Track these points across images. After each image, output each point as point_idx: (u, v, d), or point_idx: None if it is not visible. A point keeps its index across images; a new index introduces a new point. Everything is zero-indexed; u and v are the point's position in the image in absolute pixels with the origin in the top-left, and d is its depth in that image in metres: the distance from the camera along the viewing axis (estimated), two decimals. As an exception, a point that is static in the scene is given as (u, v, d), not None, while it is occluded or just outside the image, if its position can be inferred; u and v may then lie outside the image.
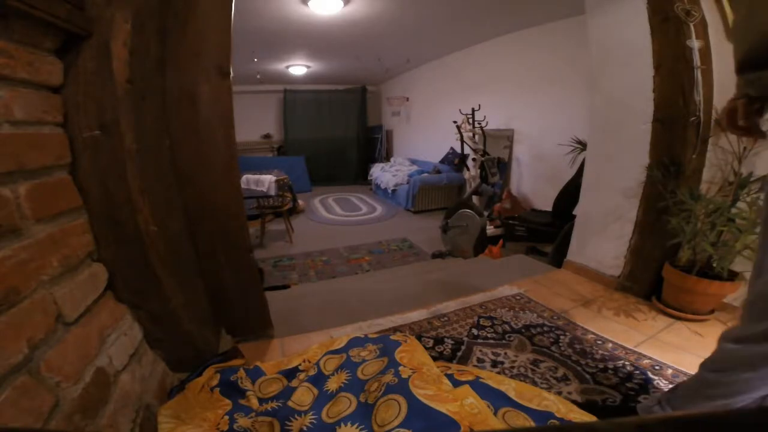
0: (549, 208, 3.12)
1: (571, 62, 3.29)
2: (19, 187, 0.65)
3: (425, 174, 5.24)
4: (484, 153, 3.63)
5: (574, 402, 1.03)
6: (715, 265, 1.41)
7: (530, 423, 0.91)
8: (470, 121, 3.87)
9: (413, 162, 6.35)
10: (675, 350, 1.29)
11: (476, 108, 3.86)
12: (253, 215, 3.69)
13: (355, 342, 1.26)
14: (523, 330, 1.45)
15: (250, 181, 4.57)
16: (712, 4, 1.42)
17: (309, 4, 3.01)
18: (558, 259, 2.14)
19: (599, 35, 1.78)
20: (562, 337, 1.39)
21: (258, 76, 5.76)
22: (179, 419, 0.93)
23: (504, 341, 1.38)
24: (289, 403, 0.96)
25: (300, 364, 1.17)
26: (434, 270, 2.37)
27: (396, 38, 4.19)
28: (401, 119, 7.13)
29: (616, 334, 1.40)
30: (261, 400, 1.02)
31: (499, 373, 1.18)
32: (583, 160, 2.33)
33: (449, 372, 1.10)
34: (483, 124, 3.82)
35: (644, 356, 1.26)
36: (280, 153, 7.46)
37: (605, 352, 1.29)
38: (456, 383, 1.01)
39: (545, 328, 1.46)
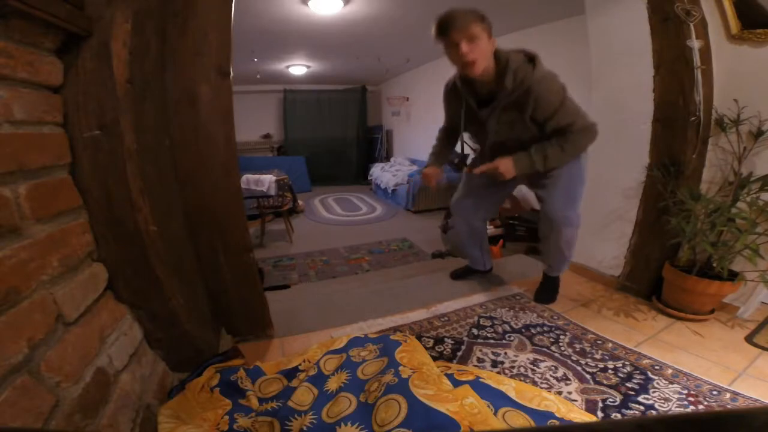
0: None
1: (571, 62, 3.28)
2: (19, 187, 0.65)
3: (425, 174, 5.23)
4: (484, 153, 3.62)
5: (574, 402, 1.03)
6: (715, 265, 1.41)
7: (530, 423, 0.90)
8: (470, 121, 3.85)
9: (413, 162, 6.34)
10: (675, 350, 1.29)
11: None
12: (253, 215, 3.69)
13: (355, 342, 1.26)
14: (523, 330, 1.45)
15: (250, 181, 4.57)
16: (712, 4, 1.42)
17: (309, 4, 3.00)
18: (558, 259, 2.14)
19: (599, 35, 1.78)
20: (562, 337, 1.39)
21: (258, 76, 5.76)
22: (179, 419, 0.92)
23: (504, 341, 1.38)
24: (289, 403, 0.96)
25: (300, 364, 1.17)
26: (434, 269, 2.37)
27: (396, 38, 4.19)
28: (401, 119, 7.12)
29: (616, 334, 1.40)
30: (261, 400, 1.02)
31: (499, 373, 1.18)
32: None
33: (449, 372, 1.10)
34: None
35: (644, 356, 1.26)
36: (280, 153, 7.46)
37: (605, 352, 1.29)
38: (456, 383, 1.01)
39: (545, 328, 1.46)
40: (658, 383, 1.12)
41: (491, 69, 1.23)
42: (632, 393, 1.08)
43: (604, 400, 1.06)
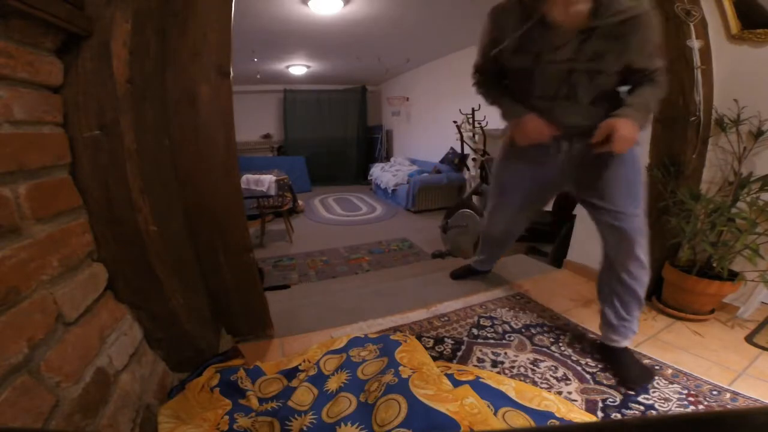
0: (549, 208, 3.12)
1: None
2: (19, 187, 0.65)
3: (425, 174, 5.24)
4: (484, 153, 3.62)
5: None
6: (715, 265, 1.42)
7: (530, 423, 0.91)
8: (470, 120, 3.86)
9: (413, 162, 6.35)
10: (675, 350, 1.29)
11: (476, 108, 3.86)
12: (253, 215, 3.69)
13: (355, 342, 1.26)
14: (523, 330, 1.45)
15: (250, 181, 4.57)
16: (712, 4, 1.42)
17: (309, 4, 3.01)
18: (558, 259, 2.14)
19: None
20: (562, 337, 1.39)
21: (258, 76, 5.76)
22: (179, 419, 0.93)
23: (504, 341, 1.38)
24: (289, 403, 0.96)
25: (300, 364, 1.17)
26: (434, 269, 2.37)
27: (396, 38, 4.19)
28: (401, 119, 7.13)
29: (616, 334, 1.40)
30: (261, 400, 1.02)
31: (499, 373, 1.18)
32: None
33: (449, 372, 1.10)
34: (483, 123, 3.82)
35: (644, 356, 1.26)
36: (280, 153, 7.46)
37: (605, 352, 1.29)
38: (456, 383, 1.01)
39: (545, 328, 1.46)
40: (658, 383, 1.12)
41: None
42: (632, 393, 1.08)
43: (604, 400, 1.06)
